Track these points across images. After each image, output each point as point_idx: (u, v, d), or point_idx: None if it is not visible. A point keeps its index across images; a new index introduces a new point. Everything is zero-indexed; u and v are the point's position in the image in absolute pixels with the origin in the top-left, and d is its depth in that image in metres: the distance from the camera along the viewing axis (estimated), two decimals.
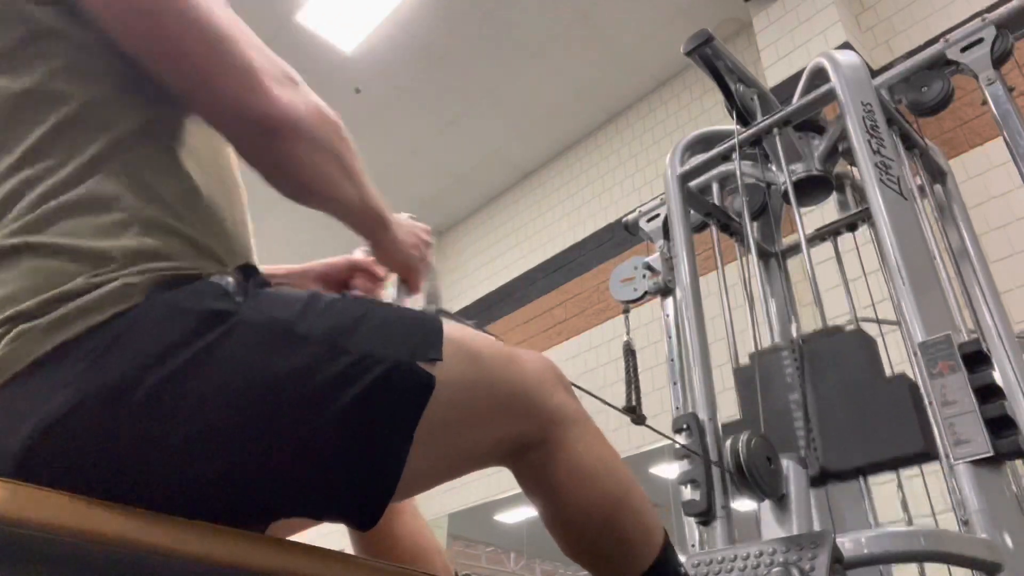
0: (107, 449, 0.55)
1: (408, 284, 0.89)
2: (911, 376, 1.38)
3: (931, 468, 1.78)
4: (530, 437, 0.75)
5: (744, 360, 1.72)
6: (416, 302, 0.91)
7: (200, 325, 0.58)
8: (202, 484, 0.58)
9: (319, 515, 0.66)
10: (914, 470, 1.85)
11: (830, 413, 1.41)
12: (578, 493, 0.76)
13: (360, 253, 0.97)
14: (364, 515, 0.65)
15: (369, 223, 0.79)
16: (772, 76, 3.64)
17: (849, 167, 1.98)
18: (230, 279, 0.63)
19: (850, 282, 1.98)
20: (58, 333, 0.56)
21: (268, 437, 0.59)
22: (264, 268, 0.75)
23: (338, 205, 0.74)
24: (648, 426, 1.07)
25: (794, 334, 1.60)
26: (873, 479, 1.78)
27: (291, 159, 0.67)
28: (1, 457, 0.55)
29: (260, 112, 0.64)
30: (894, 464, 1.37)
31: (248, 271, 0.67)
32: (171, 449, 0.56)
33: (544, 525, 0.80)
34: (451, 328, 0.72)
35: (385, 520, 0.95)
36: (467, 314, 5.42)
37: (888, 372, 1.48)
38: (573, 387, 0.82)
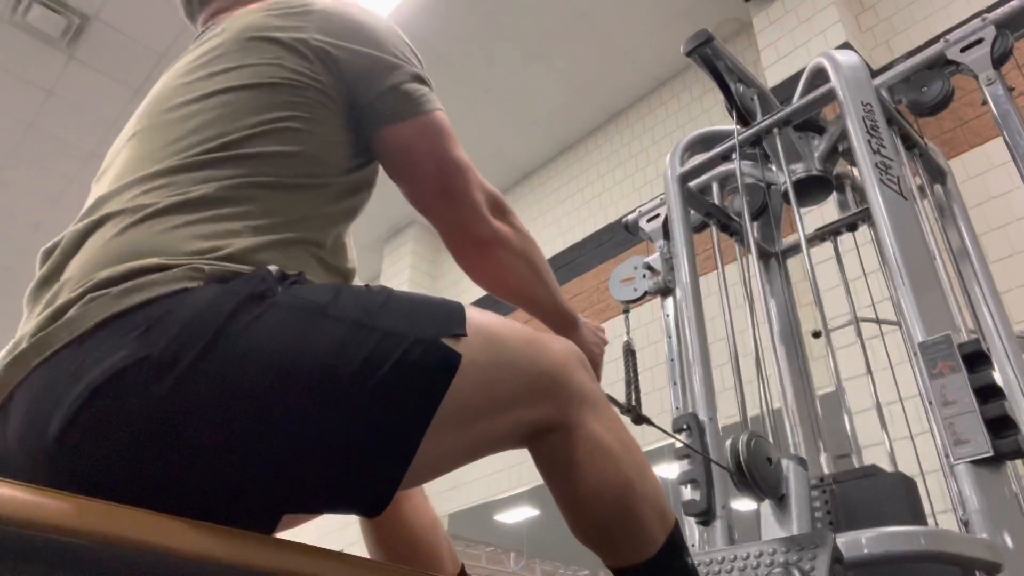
0: (145, 418, 0.58)
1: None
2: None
3: (931, 468, 1.78)
4: (551, 417, 0.77)
5: (745, 368, 1.72)
6: None
7: (240, 304, 0.62)
8: (224, 457, 0.59)
9: (333, 495, 0.66)
10: (913, 469, 1.85)
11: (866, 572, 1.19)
12: (594, 474, 0.77)
13: None
14: (374, 498, 0.66)
15: (561, 321, 0.98)
16: (772, 76, 3.63)
17: (849, 167, 1.98)
18: (274, 268, 0.68)
19: (850, 282, 1.98)
20: (123, 300, 0.61)
21: (294, 411, 0.61)
22: None
23: (534, 303, 0.94)
24: (650, 422, 1.07)
25: (824, 470, 1.42)
26: None
27: (499, 266, 0.88)
28: (55, 416, 0.58)
29: (482, 235, 0.86)
30: None
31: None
32: (202, 421, 0.59)
33: (557, 506, 0.81)
34: (474, 312, 0.75)
35: (397, 510, 0.97)
36: None
37: (932, 523, 1.27)
38: None
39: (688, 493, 1.46)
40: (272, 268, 0.68)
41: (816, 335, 1.69)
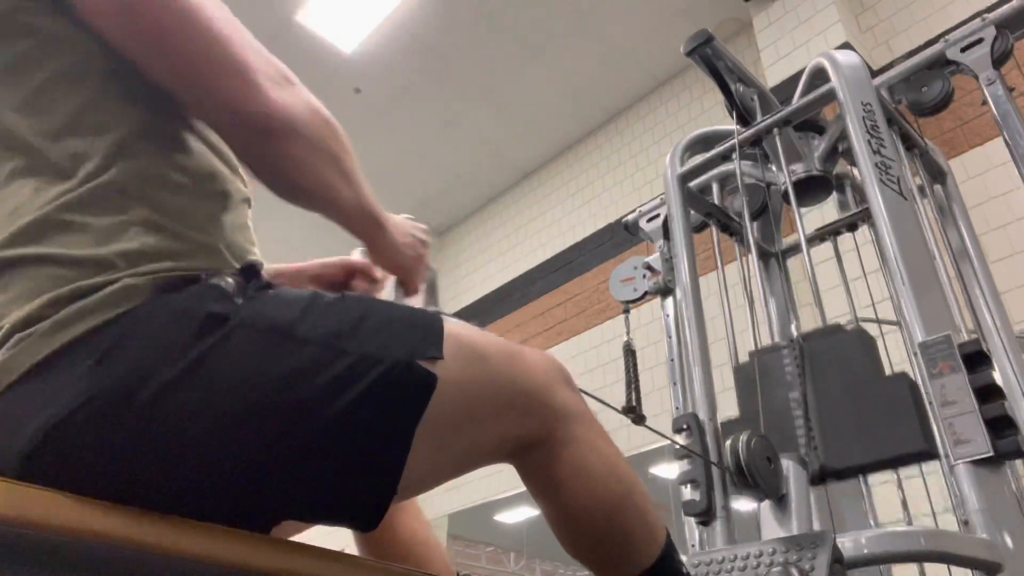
0: (110, 452, 0.55)
1: (405, 285, 0.89)
2: (911, 375, 1.38)
3: (931, 468, 1.78)
4: (534, 435, 0.75)
5: (744, 359, 1.72)
6: (415, 303, 0.90)
7: (200, 328, 0.58)
8: (202, 488, 0.58)
9: (320, 519, 0.66)
10: (914, 470, 1.85)
11: (830, 412, 1.40)
12: (581, 491, 0.76)
13: (357, 254, 0.97)
14: (366, 517, 0.65)
15: (365, 225, 0.79)
16: (772, 76, 3.64)
17: (849, 167, 1.98)
18: (230, 280, 0.63)
19: (850, 282, 1.98)
20: (60, 335, 0.56)
21: (269, 440, 0.59)
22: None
23: (334, 207, 0.73)
24: (648, 427, 1.07)
25: (794, 333, 1.57)
26: (873, 479, 1.78)
27: (288, 160, 0.67)
28: (7, 460, 0.55)
29: (257, 112, 0.64)
30: (895, 463, 1.36)
31: (249, 272, 0.66)
32: (173, 453, 0.56)
33: (547, 523, 0.80)
34: (453, 326, 0.72)
35: (386, 518, 0.96)
36: (467, 314, 5.42)
37: (888, 371, 1.47)
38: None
39: (688, 493, 1.45)
40: (228, 281, 0.62)
41: None
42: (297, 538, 0.66)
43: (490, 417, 0.72)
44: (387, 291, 0.92)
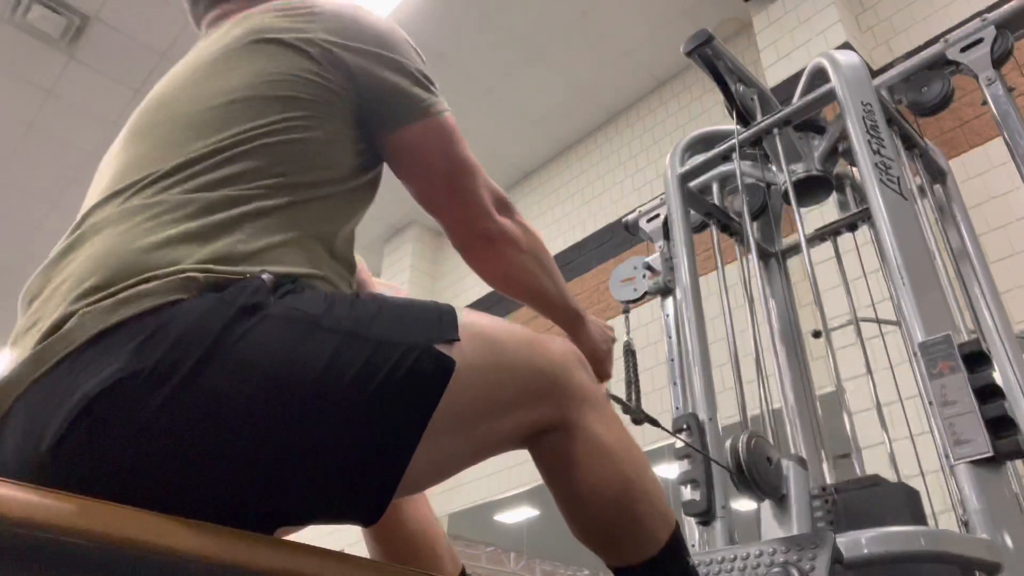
0: (139, 430, 0.57)
1: (599, 374, 1.01)
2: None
3: (931, 468, 1.78)
4: (551, 418, 0.77)
5: (745, 368, 1.72)
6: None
7: (235, 316, 0.62)
8: (220, 470, 0.59)
9: (324, 508, 0.66)
10: (913, 469, 1.85)
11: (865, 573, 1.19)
12: (594, 472, 0.77)
13: None
14: (370, 505, 0.65)
15: (569, 317, 1.00)
16: (772, 76, 3.63)
17: (849, 167, 1.98)
18: (269, 277, 0.67)
19: (850, 282, 1.98)
20: (115, 313, 0.60)
21: (289, 423, 0.60)
22: None
23: (542, 299, 0.95)
24: (652, 420, 1.08)
25: (826, 477, 1.43)
26: None
27: (505, 261, 0.90)
28: (50, 428, 0.58)
29: (488, 230, 0.88)
30: None
31: (291, 275, 0.70)
32: (194, 435, 0.58)
33: (557, 506, 0.81)
34: (468, 314, 0.74)
35: (397, 509, 0.97)
36: None
37: (932, 523, 1.30)
38: None
39: (688, 493, 1.45)
40: (266, 276, 0.67)
41: (816, 335, 1.69)
42: (297, 538, 0.66)
43: (508, 401, 0.74)
44: None
